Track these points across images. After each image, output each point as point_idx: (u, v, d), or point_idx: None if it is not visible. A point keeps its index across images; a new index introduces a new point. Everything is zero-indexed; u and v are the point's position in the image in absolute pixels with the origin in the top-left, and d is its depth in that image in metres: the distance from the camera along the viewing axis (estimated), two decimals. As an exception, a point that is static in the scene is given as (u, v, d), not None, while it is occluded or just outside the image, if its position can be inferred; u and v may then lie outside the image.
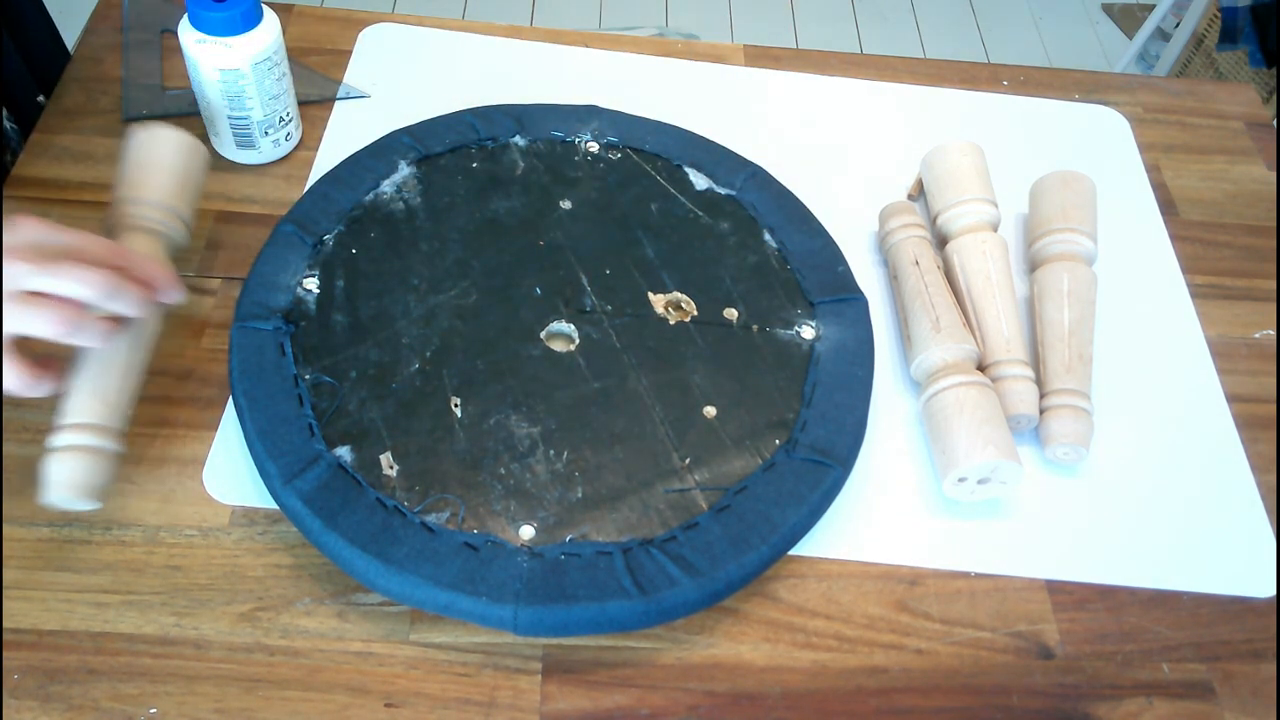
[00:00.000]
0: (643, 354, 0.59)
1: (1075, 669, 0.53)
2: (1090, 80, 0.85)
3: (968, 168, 0.68)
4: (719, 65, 0.82)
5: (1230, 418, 0.64)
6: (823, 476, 0.54)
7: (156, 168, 0.59)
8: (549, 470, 0.54)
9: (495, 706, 0.49)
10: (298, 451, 0.53)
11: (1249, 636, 0.55)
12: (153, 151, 0.60)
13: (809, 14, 2.19)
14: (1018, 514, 0.58)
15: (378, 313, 0.59)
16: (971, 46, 2.16)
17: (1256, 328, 0.70)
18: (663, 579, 0.50)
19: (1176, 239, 0.74)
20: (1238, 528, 0.59)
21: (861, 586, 0.55)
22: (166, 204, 0.58)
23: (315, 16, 0.81)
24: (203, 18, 0.62)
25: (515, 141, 0.70)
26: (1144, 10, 2.23)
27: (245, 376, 0.55)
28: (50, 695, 0.48)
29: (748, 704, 0.50)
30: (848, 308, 0.62)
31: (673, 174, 0.69)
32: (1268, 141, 0.82)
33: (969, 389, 0.57)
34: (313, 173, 0.70)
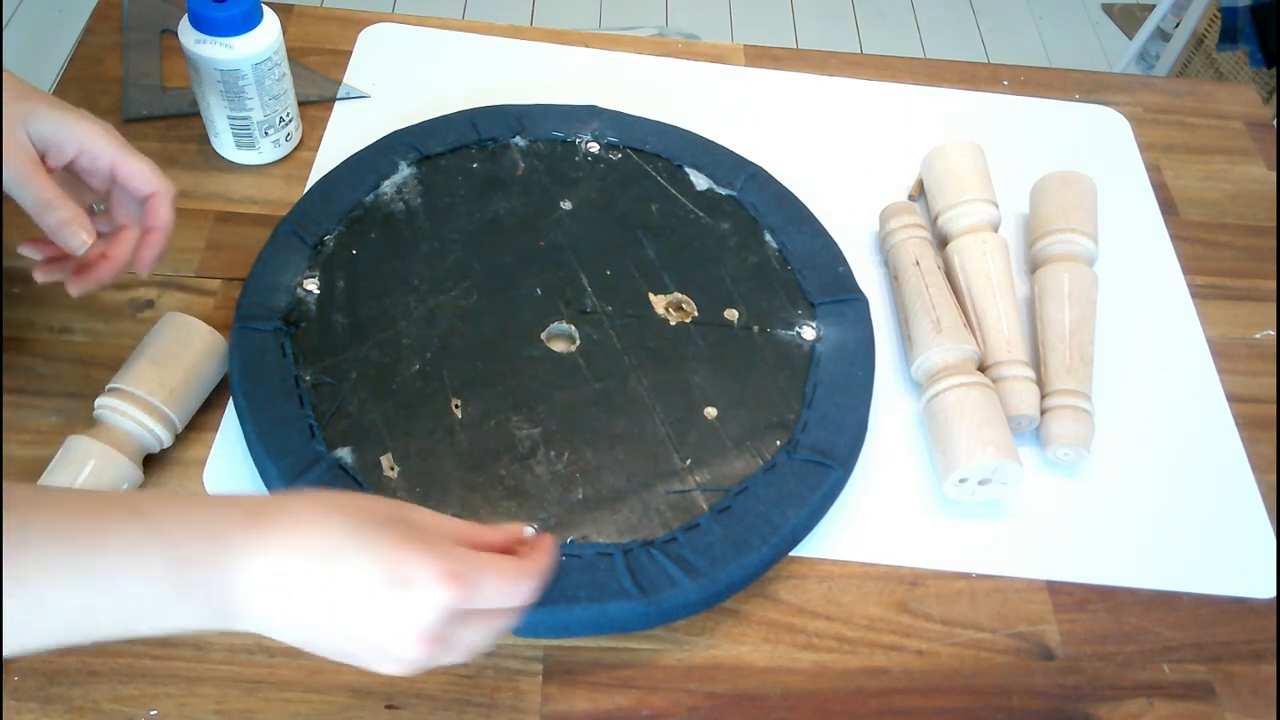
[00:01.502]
0: (643, 355, 0.59)
1: (1076, 670, 0.53)
2: (1090, 80, 0.85)
3: (968, 168, 0.68)
4: (719, 65, 0.81)
5: (1230, 418, 0.64)
6: (823, 477, 0.54)
7: (173, 368, 0.54)
8: (549, 471, 0.54)
9: (496, 708, 0.49)
10: (298, 452, 0.53)
11: (1249, 637, 0.55)
12: (177, 346, 0.55)
13: (809, 14, 2.19)
14: (1018, 515, 0.58)
15: (378, 313, 0.59)
16: (971, 46, 2.16)
17: (1257, 328, 0.70)
18: (663, 580, 0.50)
19: (1176, 239, 0.74)
20: (1238, 528, 0.59)
21: (862, 587, 0.55)
22: (162, 409, 0.53)
23: (315, 16, 0.81)
24: (203, 18, 0.62)
25: (515, 141, 0.69)
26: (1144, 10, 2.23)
27: (246, 377, 0.55)
28: (51, 697, 0.48)
29: (748, 705, 0.50)
30: (848, 308, 0.62)
31: (673, 174, 0.69)
32: (1268, 141, 0.82)
33: (970, 390, 0.57)
34: (313, 173, 0.70)
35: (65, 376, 0.58)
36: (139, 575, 0.35)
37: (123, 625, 0.36)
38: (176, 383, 0.54)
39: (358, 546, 0.37)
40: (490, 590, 0.39)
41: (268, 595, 0.37)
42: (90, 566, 0.35)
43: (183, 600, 0.36)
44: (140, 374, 0.54)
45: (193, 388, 0.55)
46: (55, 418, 0.56)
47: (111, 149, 0.51)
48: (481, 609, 0.39)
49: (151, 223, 0.53)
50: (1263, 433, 0.64)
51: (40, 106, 0.50)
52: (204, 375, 0.55)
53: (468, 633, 0.39)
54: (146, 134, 0.71)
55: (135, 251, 0.53)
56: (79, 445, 0.51)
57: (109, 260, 0.52)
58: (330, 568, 0.37)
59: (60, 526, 0.35)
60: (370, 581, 0.37)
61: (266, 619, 0.37)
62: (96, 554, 0.35)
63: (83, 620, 0.35)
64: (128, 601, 0.35)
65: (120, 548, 0.35)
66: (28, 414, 0.56)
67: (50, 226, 0.49)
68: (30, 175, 0.48)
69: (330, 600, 0.37)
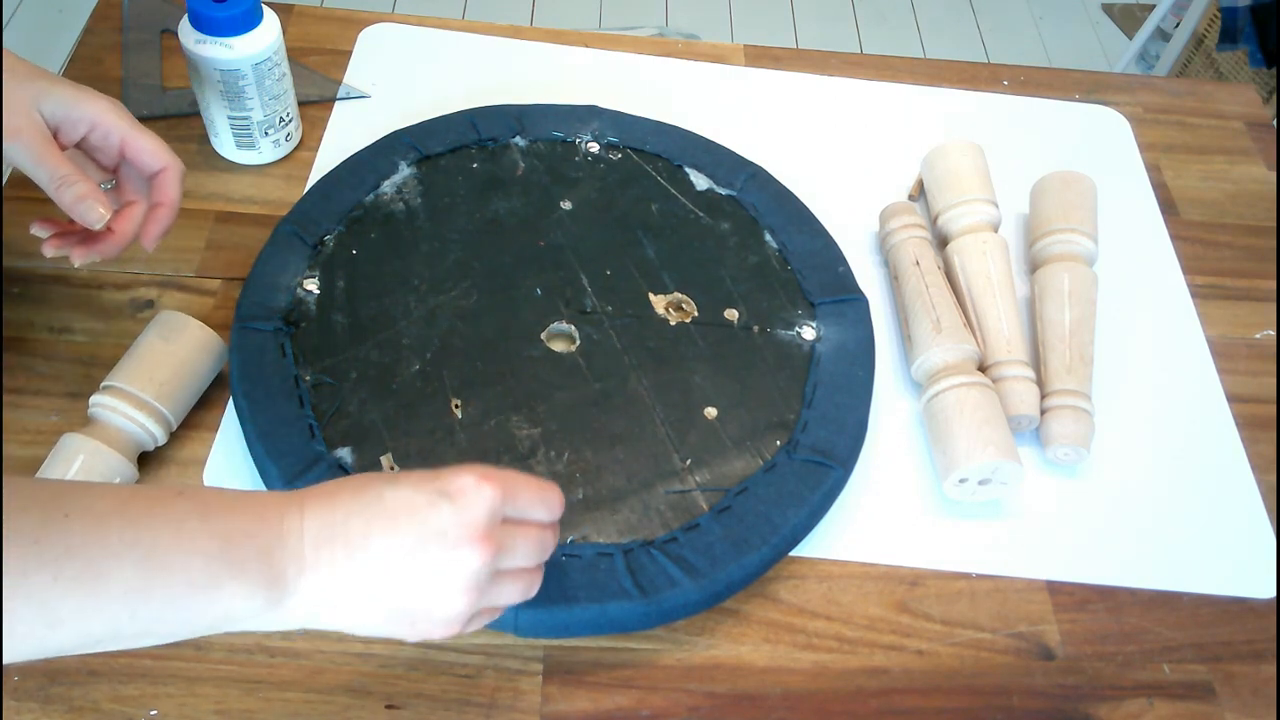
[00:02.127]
0: (643, 355, 0.59)
1: (1076, 670, 0.53)
2: (1090, 80, 0.85)
3: (968, 168, 0.68)
4: (719, 65, 0.81)
5: (1230, 418, 0.64)
6: (823, 477, 0.54)
7: (162, 363, 0.54)
8: (550, 471, 0.54)
9: (496, 708, 0.49)
10: (298, 452, 0.53)
11: (1249, 637, 0.55)
12: (166, 342, 0.55)
13: (809, 14, 2.19)
14: (1018, 515, 0.58)
15: (378, 313, 0.59)
16: (971, 46, 2.16)
17: (1256, 328, 0.70)
18: (663, 580, 0.50)
19: (1176, 239, 0.74)
20: (1238, 528, 0.59)
21: (862, 587, 0.55)
22: (153, 404, 0.53)
23: (315, 16, 0.81)
24: (203, 18, 0.62)
25: (515, 141, 0.69)
26: (1144, 10, 2.23)
27: (246, 377, 0.55)
28: (51, 697, 0.48)
29: (748, 705, 0.50)
30: (848, 308, 0.62)
31: (673, 174, 0.69)
32: (1268, 141, 0.82)
33: (970, 390, 0.57)
34: (313, 173, 0.70)
35: (65, 376, 0.58)
36: (190, 551, 0.36)
37: (174, 607, 0.35)
38: (166, 376, 0.54)
39: (396, 484, 0.40)
40: (525, 493, 0.42)
41: (321, 553, 0.38)
42: (142, 541, 0.35)
43: (234, 576, 0.36)
44: (130, 370, 0.54)
45: (184, 382, 0.55)
46: (55, 418, 0.56)
47: (122, 125, 0.52)
48: (522, 521, 0.41)
49: (159, 198, 0.53)
50: (1263, 433, 0.64)
51: (52, 86, 0.50)
52: (196, 369, 0.55)
53: (518, 540, 0.41)
54: (146, 134, 0.71)
55: (142, 226, 0.53)
56: (71, 442, 0.51)
57: (115, 234, 0.52)
58: (380, 502, 0.39)
59: (114, 507, 0.36)
60: (418, 503, 0.39)
61: (319, 586, 0.38)
62: (150, 529, 0.35)
63: (137, 601, 0.35)
64: (180, 578, 0.35)
65: (171, 526, 0.36)
66: (27, 414, 0.56)
67: (67, 202, 0.50)
68: (45, 152, 0.49)
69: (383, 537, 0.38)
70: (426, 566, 0.38)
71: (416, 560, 0.38)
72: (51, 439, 0.52)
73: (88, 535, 0.34)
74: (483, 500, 0.39)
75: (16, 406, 0.57)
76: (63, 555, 0.33)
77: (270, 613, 0.37)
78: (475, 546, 0.39)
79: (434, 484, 0.40)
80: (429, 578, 0.39)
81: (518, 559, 0.41)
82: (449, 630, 0.40)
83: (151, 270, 0.64)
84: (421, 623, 0.39)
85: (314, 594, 0.38)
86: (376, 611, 0.39)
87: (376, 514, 0.39)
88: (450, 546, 0.38)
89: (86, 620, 0.34)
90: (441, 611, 0.39)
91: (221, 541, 0.36)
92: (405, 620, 0.39)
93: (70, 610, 0.33)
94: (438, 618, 0.39)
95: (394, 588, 0.38)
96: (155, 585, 0.35)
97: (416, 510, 0.39)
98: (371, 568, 0.38)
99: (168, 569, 0.35)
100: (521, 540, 0.41)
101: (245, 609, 0.37)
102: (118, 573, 0.34)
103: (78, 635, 0.34)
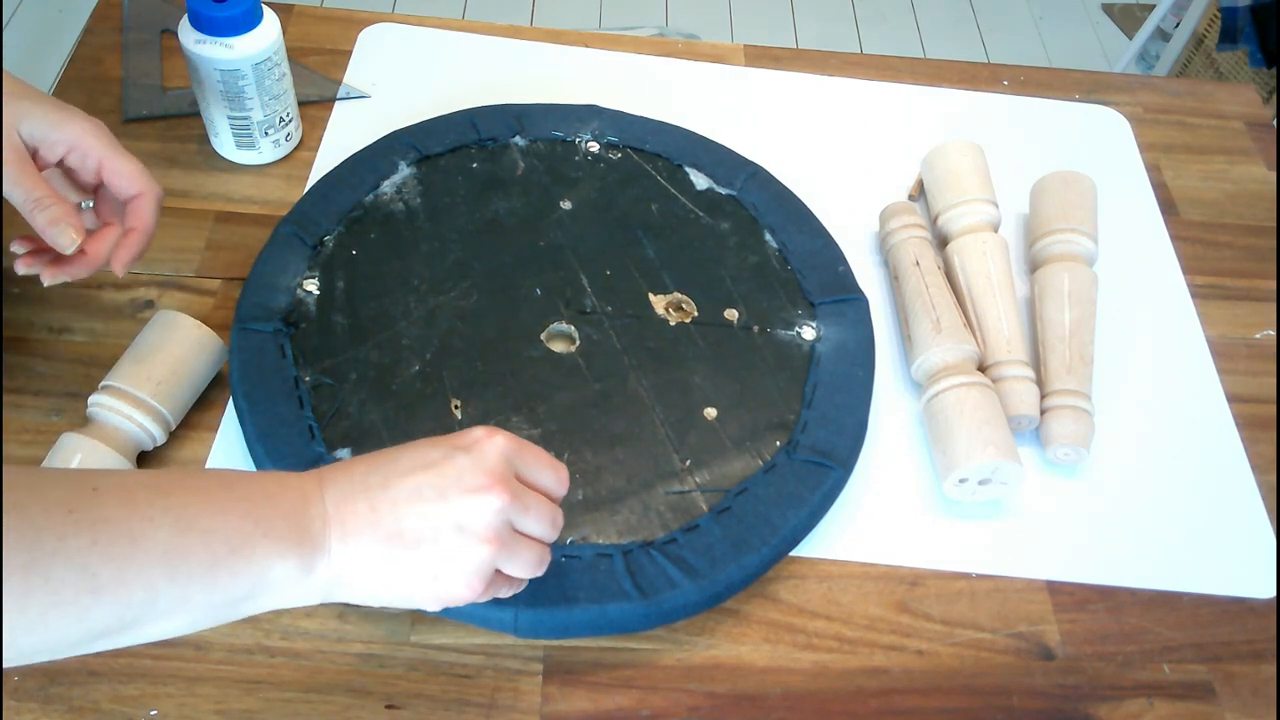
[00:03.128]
0: (643, 355, 0.59)
1: (1076, 670, 0.53)
2: (1090, 80, 0.85)
3: (968, 168, 0.68)
4: (719, 65, 0.81)
5: (1230, 418, 0.64)
6: (823, 478, 0.54)
7: (160, 362, 0.54)
8: (549, 471, 0.54)
9: (496, 708, 0.49)
10: (298, 453, 0.53)
11: (1249, 637, 0.55)
12: (164, 341, 0.55)
13: (809, 14, 2.19)
14: (1018, 514, 0.58)
15: (378, 314, 0.59)
16: (971, 46, 2.15)
17: (1256, 328, 0.69)
18: (663, 581, 0.50)
19: (1176, 239, 0.74)
20: (1238, 528, 0.59)
21: (862, 587, 0.55)
22: (152, 404, 0.53)
23: (315, 16, 0.81)
24: (203, 18, 0.61)
25: (515, 141, 0.69)
26: (1144, 10, 2.23)
27: (245, 378, 0.55)
28: (51, 697, 0.48)
29: (748, 705, 0.50)
30: (848, 308, 0.62)
31: (673, 174, 0.69)
32: (1268, 141, 0.82)
33: (970, 390, 0.57)
34: (313, 173, 0.70)
35: (65, 376, 0.58)
36: (222, 513, 0.37)
37: (211, 570, 0.36)
38: (163, 375, 0.54)
39: (411, 446, 0.41)
40: (534, 455, 0.43)
41: (344, 510, 0.39)
42: (173, 508, 0.36)
43: (265, 535, 0.37)
44: (128, 370, 0.54)
45: (182, 381, 0.55)
46: (55, 417, 0.56)
47: (100, 148, 0.51)
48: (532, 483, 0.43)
49: (133, 223, 0.53)
50: (1263, 433, 0.64)
51: (34, 106, 0.50)
52: (193, 368, 0.55)
53: (531, 499, 0.42)
54: (146, 134, 0.71)
55: (114, 251, 0.53)
56: (69, 441, 0.51)
57: (86, 256, 0.52)
58: (395, 461, 0.40)
59: (141, 480, 0.36)
60: (434, 456, 0.40)
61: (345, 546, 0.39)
62: (180, 497, 0.36)
63: (176, 561, 0.35)
64: (215, 538, 0.36)
65: (199, 494, 0.37)
66: (27, 414, 0.56)
67: (40, 225, 0.49)
68: (21, 173, 0.49)
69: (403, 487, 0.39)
70: (448, 513, 0.39)
71: (437, 507, 0.39)
72: (51, 439, 0.52)
73: (120, 505, 0.35)
74: (495, 446, 0.41)
75: (16, 406, 0.57)
76: (99, 521, 0.34)
77: (303, 580, 0.38)
78: (493, 488, 0.40)
79: (447, 441, 0.42)
80: (450, 525, 0.39)
81: (531, 521, 0.42)
82: (469, 586, 0.40)
83: (151, 270, 0.64)
84: (444, 578, 0.40)
85: (341, 555, 0.39)
86: (400, 566, 0.39)
87: (393, 471, 0.40)
88: (469, 490, 0.40)
89: (127, 585, 0.34)
90: (464, 562, 0.40)
91: (248, 504, 0.37)
92: (428, 575, 0.40)
93: (110, 575, 0.34)
94: (460, 569, 0.40)
95: (417, 538, 0.39)
96: (191, 545, 0.35)
97: (433, 463, 0.40)
98: (394, 518, 0.39)
99: (201, 530, 0.36)
100: (534, 502, 0.42)
101: (279, 573, 0.37)
102: (153, 534, 0.35)
103: (117, 604, 0.34)
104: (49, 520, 0.33)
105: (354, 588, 0.40)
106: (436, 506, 0.39)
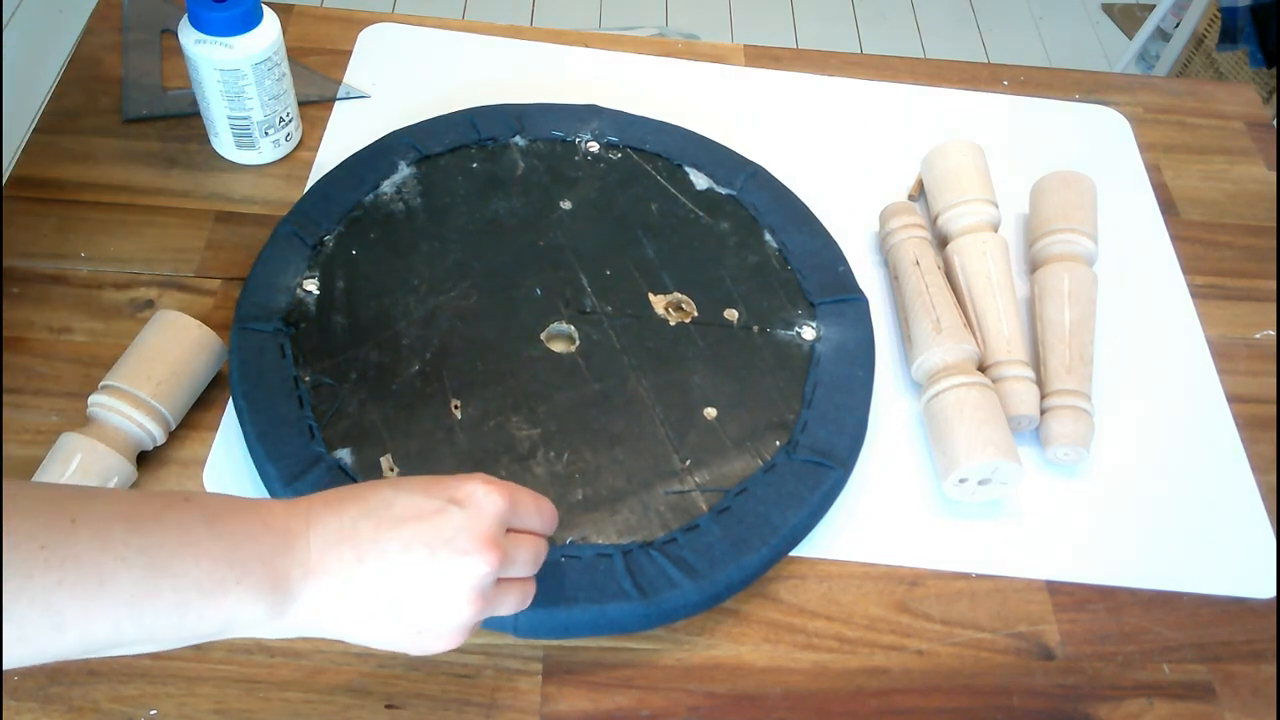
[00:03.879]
0: (643, 355, 0.59)
1: (1076, 670, 0.53)
2: (1090, 80, 0.85)
3: (968, 168, 0.68)
4: (719, 65, 0.81)
5: (1230, 418, 0.64)
6: (823, 477, 0.54)
7: (160, 361, 0.54)
8: (549, 472, 0.54)
9: (496, 708, 0.49)
10: (298, 453, 0.53)
11: (1249, 637, 0.55)
12: (164, 341, 0.55)
13: (809, 14, 2.19)
14: (1018, 515, 0.58)
15: (378, 314, 0.59)
16: (971, 46, 2.15)
17: (1256, 328, 0.69)
18: (663, 581, 0.50)
19: (1176, 239, 0.74)
20: (1238, 528, 0.59)
21: (862, 587, 0.55)
22: (151, 403, 0.53)
23: (315, 16, 0.81)
24: (203, 18, 0.62)
25: (515, 141, 0.69)
26: (1144, 10, 2.23)
27: (245, 378, 0.55)
28: (50, 696, 0.48)
29: (748, 705, 0.50)
30: (848, 308, 0.62)
31: (673, 174, 0.69)
32: (1268, 141, 0.82)
33: (969, 390, 0.57)
34: (313, 173, 0.70)
35: (65, 376, 0.58)
36: (197, 555, 0.36)
37: (178, 612, 0.35)
38: (163, 375, 0.54)
39: (403, 490, 0.40)
40: (526, 503, 0.42)
41: (328, 557, 0.38)
42: (149, 547, 0.35)
43: (239, 580, 0.36)
44: (128, 370, 0.54)
45: (182, 381, 0.55)
46: (55, 417, 0.56)
47: None
48: (523, 529, 0.42)
49: None
50: (1263, 433, 0.64)
51: None
52: (193, 368, 0.55)
53: (519, 550, 0.41)
54: (146, 134, 0.71)
55: None
56: (68, 441, 0.51)
57: None
58: (389, 508, 0.39)
59: (121, 511, 0.36)
60: (427, 509, 0.39)
61: (325, 592, 0.38)
62: (157, 534, 0.35)
63: (142, 605, 0.35)
64: (184, 581, 0.35)
65: (177, 531, 0.36)
66: (27, 414, 0.56)
67: None
68: None
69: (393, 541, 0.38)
70: (435, 572, 0.39)
71: (426, 566, 0.38)
72: (51, 439, 0.52)
73: (94, 541, 0.34)
74: (491, 507, 0.40)
75: (16, 406, 0.57)
76: (69, 560, 0.33)
77: (273, 620, 0.37)
78: (484, 553, 0.39)
79: (443, 491, 0.40)
80: (437, 584, 0.39)
81: (518, 568, 0.42)
82: (452, 640, 0.40)
83: (151, 270, 0.64)
84: (427, 632, 0.39)
85: (319, 600, 0.38)
86: (383, 619, 0.39)
87: (385, 519, 0.39)
88: (459, 553, 0.39)
89: (90, 624, 0.34)
90: (448, 619, 0.39)
91: (228, 544, 0.36)
92: (411, 629, 0.39)
93: (75, 614, 0.33)
94: (444, 626, 0.39)
95: (402, 593, 0.39)
96: (161, 589, 0.35)
97: (425, 516, 0.39)
98: (380, 572, 0.38)
99: (173, 574, 0.35)
100: (523, 549, 0.42)
101: (249, 615, 0.37)
102: (124, 575, 0.34)
103: (81, 639, 0.34)
104: (19, 555, 0.33)
105: (332, 631, 0.39)
106: (424, 566, 0.38)
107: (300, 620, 0.38)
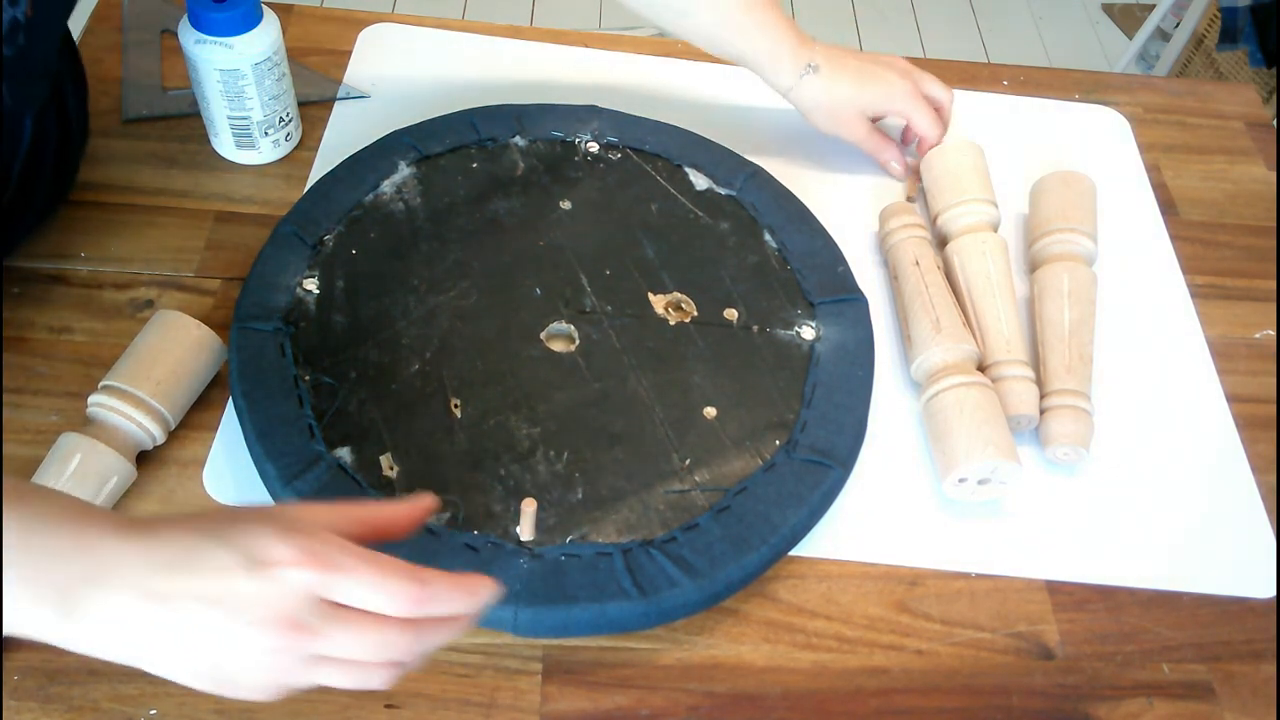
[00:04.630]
0: (643, 354, 0.59)
1: (1075, 669, 0.53)
2: (1090, 80, 0.85)
3: (968, 168, 0.68)
4: (719, 65, 0.81)
5: (1230, 418, 0.64)
6: (823, 477, 0.54)
7: (160, 361, 0.54)
8: (549, 471, 0.54)
9: (495, 707, 0.49)
10: (298, 452, 0.53)
11: (1249, 637, 0.55)
12: (164, 341, 0.55)
13: (809, 14, 2.19)
14: (1018, 514, 0.58)
15: (378, 313, 0.59)
16: (971, 46, 2.15)
17: (1256, 328, 0.69)
18: (663, 580, 0.50)
19: (1176, 239, 0.74)
20: (1238, 528, 0.59)
21: (862, 587, 0.55)
22: (151, 403, 0.53)
23: (315, 16, 0.81)
24: (203, 18, 0.62)
25: (515, 141, 0.69)
26: (1144, 10, 2.23)
27: (245, 377, 0.55)
28: (51, 696, 0.48)
29: (748, 704, 0.50)
30: (848, 308, 0.62)
31: (673, 174, 0.69)
32: (1268, 141, 0.82)
33: (969, 389, 0.57)
34: (313, 173, 0.70)
35: (65, 376, 0.58)
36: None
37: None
38: (162, 375, 0.54)
39: (218, 540, 0.37)
40: (361, 579, 0.37)
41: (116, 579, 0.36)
42: None
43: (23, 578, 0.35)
44: (128, 369, 0.54)
45: (181, 381, 0.55)
46: (55, 417, 0.56)
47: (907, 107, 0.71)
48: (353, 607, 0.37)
49: None
50: (1263, 433, 0.64)
51: None
52: (193, 368, 0.55)
53: (339, 631, 0.37)
54: (146, 134, 0.71)
55: None
56: (68, 441, 0.52)
57: None
58: (193, 552, 0.36)
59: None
60: (227, 564, 0.36)
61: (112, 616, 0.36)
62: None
63: None
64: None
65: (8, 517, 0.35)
66: (27, 414, 0.56)
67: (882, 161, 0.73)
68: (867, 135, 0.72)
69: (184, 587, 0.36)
70: (224, 633, 0.36)
71: (213, 624, 0.36)
72: (51, 439, 0.52)
73: None
74: (290, 583, 0.36)
75: (16, 406, 0.57)
76: None
77: (61, 627, 0.35)
78: (269, 630, 0.36)
79: (253, 549, 0.36)
80: (227, 645, 0.36)
81: (338, 649, 0.37)
82: (267, 698, 0.38)
83: (151, 270, 0.64)
84: (227, 687, 0.37)
85: (106, 621, 0.36)
86: (177, 662, 0.37)
87: (184, 563, 0.36)
88: (245, 622, 0.36)
89: None
90: (246, 680, 0.37)
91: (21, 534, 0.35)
92: (210, 681, 0.37)
93: None
94: (243, 685, 0.37)
95: (190, 643, 0.36)
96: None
97: (224, 572, 0.36)
98: (167, 612, 0.36)
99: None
100: (346, 633, 0.37)
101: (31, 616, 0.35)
102: None
103: None
104: None
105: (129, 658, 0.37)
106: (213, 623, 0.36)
107: (90, 635, 0.36)
